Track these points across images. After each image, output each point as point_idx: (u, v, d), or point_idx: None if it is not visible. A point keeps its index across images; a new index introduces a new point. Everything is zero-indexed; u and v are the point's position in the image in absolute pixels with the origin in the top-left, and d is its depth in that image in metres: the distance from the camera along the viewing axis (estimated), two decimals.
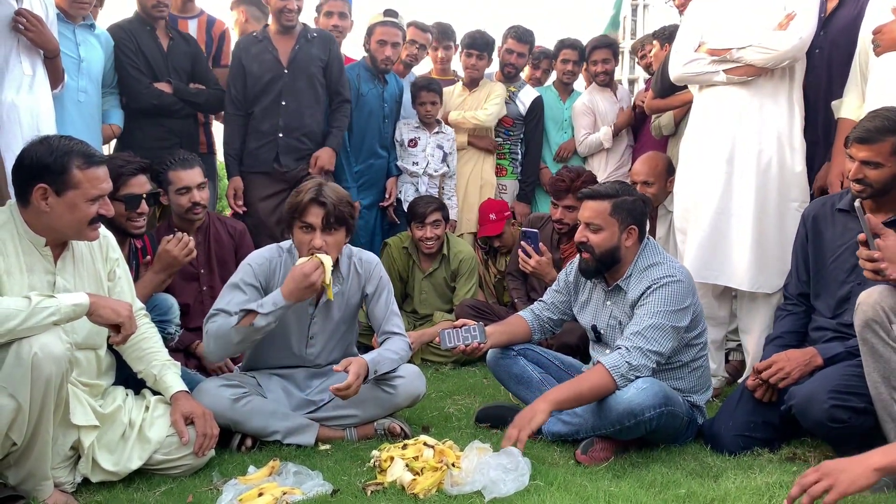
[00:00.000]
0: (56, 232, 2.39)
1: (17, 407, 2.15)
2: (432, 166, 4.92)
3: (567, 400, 2.68)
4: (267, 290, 2.94)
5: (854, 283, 2.82)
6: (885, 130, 2.68)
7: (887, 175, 2.70)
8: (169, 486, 2.47)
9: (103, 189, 2.40)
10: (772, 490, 2.38)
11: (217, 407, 2.77)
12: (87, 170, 2.35)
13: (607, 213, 2.89)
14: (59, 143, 2.35)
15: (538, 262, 3.91)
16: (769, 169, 3.40)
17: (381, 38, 4.72)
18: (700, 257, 3.48)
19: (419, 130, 4.95)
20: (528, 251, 3.92)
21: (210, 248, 3.70)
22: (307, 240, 2.84)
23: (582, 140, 5.20)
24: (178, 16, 4.61)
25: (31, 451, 2.24)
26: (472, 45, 5.08)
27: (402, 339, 3.05)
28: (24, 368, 2.13)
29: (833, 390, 2.50)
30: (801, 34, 3.31)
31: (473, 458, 2.48)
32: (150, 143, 4.09)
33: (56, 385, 2.20)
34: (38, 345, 2.14)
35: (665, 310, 2.75)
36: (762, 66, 3.36)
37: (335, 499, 2.34)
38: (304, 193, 2.83)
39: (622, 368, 2.67)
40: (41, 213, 2.33)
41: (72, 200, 2.33)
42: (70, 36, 3.81)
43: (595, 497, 2.31)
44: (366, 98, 4.77)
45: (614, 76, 5.42)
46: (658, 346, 2.71)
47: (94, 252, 2.58)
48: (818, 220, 3.01)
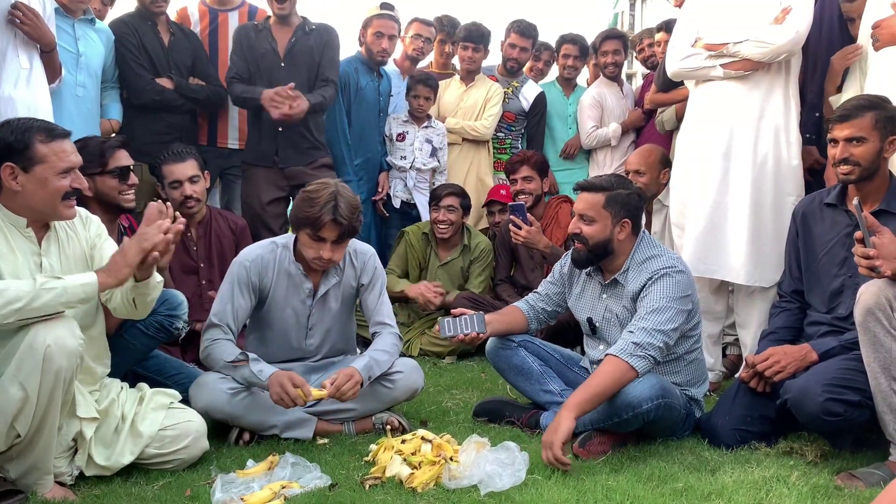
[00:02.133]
0: (33, 211, 2.38)
1: (24, 397, 2.17)
2: (420, 160, 4.91)
3: (587, 400, 2.61)
4: (261, 287, 2.97)
5: (845, 276, 2.84)
6: (863, 107, 2.73)
7: (872, 150, 2.72)
8: (167, 480, 2.47)
9: (72, 161, 2.39)
10: (769, 484, 2.39)
11: (215, 401, 2.78)
12: (50, 143, 2.34)
13: (600, 206, 2.90)
14: (19, 123, 2.37)
15: (528, 231, 3.94)
16: (765, 163, 3.41)
17: (378, 30, 4.69)
18: (697, 252, 3.48)
19: (407, 125, 4.93)
20: (518, 223, 3.95)
21: (210, 243, 3.71)
22: (316, 248, 2.86)
23: (589, 133, 5.18)
24: (219, 9, 4.54)
25: (35, 444, 2.24)
26: (468, 38, 5.06)
27: (392, 333, 3.06)
28: (36, 359, 2.15)
29: (828, 384, 2.50)
30: (797, 27, 3.31)
31: (471, 453, 2.48)
32: (149, 138, 4.08)
33: (66, 379, 2.22)
34: (52, 337, 2.16)
35: (669, 296, 2.76)
36: (759, 61, 3.36)
37: (333, 493, 2.34)
38: (322, 210, 2.79)
39: (629, 349, 2.66)
40: (14, 193, 2.34)
41: (41, 175, 2.33)
42: (69, 30, 3.79)
43: (592, 491, 2.32)
44: (364, 91, 4.75)
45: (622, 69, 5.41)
46: (661, 325, 2.71)
47: (78, 232, 2.56)
48: (807, 217, 3.02)
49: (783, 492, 2.33)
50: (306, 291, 3.01)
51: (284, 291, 3.00)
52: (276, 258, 2.99)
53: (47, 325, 2.19)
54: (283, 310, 3.02)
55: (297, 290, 3.01)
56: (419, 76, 4.95)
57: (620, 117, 5.21)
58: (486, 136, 5.09)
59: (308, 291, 3.01)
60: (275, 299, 3.01)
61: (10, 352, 2.18)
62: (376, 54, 4.73)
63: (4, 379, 2.17)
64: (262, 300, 3.01)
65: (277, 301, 3.01)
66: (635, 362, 2.64)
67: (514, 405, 3.15)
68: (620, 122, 5.16)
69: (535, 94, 5.20)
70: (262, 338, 3.08)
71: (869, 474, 2.40)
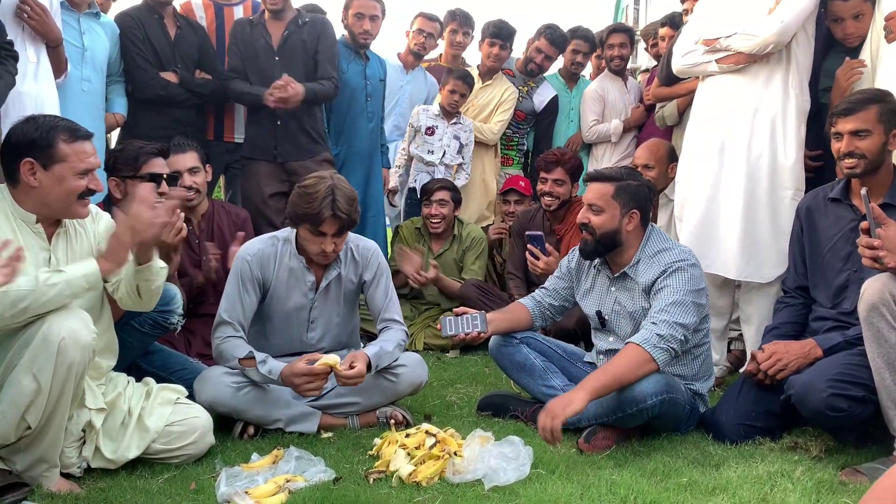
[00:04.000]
0: (46, 207, 2.40)
1: (37, 389, 2.18)
2: (448, 157, 4.91)
3: (604, 385, 2.59)
4: (263, 282, 2.97)
5: (850, 271, 2.83)
6: (866, 101, 2.73)
7: (877, 143, 2.71)
8: (172, 474, 2.48)
9: (91, 163, 2.41)
10: (773, 479, 2.38)
11: (219, 395, 2.79)
12: (73, 143, 2.37)
13: (609, 196, 2.90)
14: (44, 120, 2.39)
15: (547, 262, 3.87)
16: (760, 158, 3.38)
17: (358, 10, 4.60)
18: (692, 245, 3.45)
19: (438, 119, 4.89)
20: (536, 253, 3.91)
21: (213, 235, 3.71)
22: (318, 242, 2.87)
23: (590, 126, 5.16)
24: (224, 3, 4.53)
25: (44, 436, 2.26)
26: (497, 35, 5.01)
27: (400, 328, 3.06)
28: (50, 352, 2.17)
29: (832, 379, 2.49)
30: (783, 18, 3.26)
31: (475, 447, 2.49)
32: (154, 132, 4.04)
33: (78, 372, 2.24)
34: (66, 330, 2.18)
35: (685, 289, 2.76)
36: (749, 53, 3.35)
37: (337, 486, 2.35)
38: (321, 205, 2.80)
39: (653, 339, 2.65)
40: (30, 188, 2.35)
41: (59, 174, 2.35)
42: (74, 24, 3.78)
43: (597, 485, 2.32)
44: (347, 75, 4.63)
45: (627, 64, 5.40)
46: (682, 318, 2.71)
47: (87, 229, 2.57)
48: (812, 212, 3.01)
49: (787, 487, 2.32)
50: (308, 284, 3.01)
51: (286, 285, 3.01)
52: (277, 252, 2.99)
53: (62, 316, 2.21)
54: (284, 303, 3.02)
55: (298, 283, 3.01)
56: (458, 72, 4.86)
57: (622, 112, 5.18)
58: (492, 142, 5.10)
59: (311, 284, 3.02)
60: (276, 293, 3.01)
61: (24, 343, 2.20)
62: (358, 36, 4.63)
63: (18, 370, 2.19)
64: (263, 294, 3.01)
65: (279, 295, 3.01)
66: (658, 354, 2.64)
67: (518, 399, 3.15)
68: (623, 120, 5.14)
69: (550, 98, 5.20)
70: (264, 331, 3.08)
71: (873, 469, 2.39)
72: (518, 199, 4.76)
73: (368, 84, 4.74)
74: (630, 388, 2.63)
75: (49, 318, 2.19)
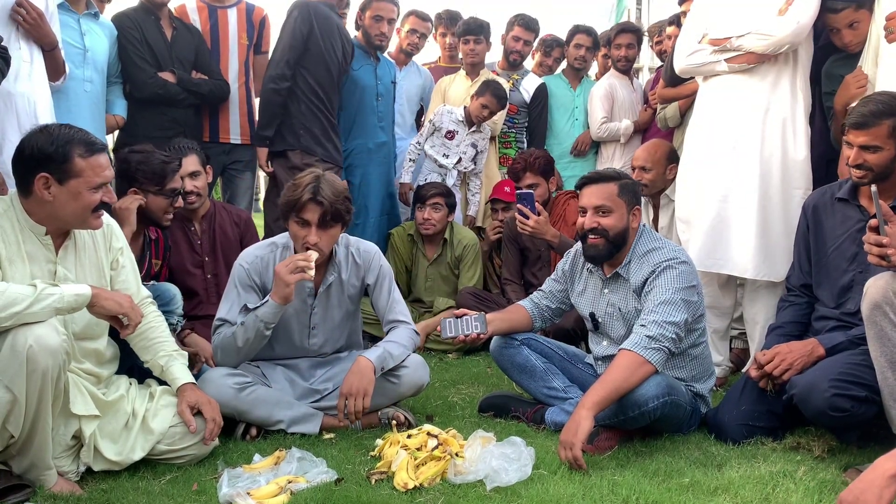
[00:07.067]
0: (59, 221, 2.39)
1: (12, 399, 2.15)
2: (464, 163, 4.91)
3: (605, 398, 2.57)
4: (263, 288, 2.96)
5: (855, 272, 2.82)
6: (880, 114, 2.68)
7: (886, 158, 2.70)
8: (174, 475, 2.48)
9: (106, 177, 2.39)
10: (775, 479, 2.38)
11: (221, 396, 2.78)
12: (89, 158, 2.34)
13: (615, 195, 2.89)
14: (59, 132, 2.35)
15: (536, 221, 3.86)
16: (772, 156, 3.39)
17: (377, 13, 4.60)
18: (705, 246, 3.47)
19: (461, 125, 4.87)
20: (526, 212, 3.89)
21: (215, 237, 3.71)
22: (303, 234, 2.84)
23: (600, 123, 5.14)
24: (217, 5, 4.52)
25: (30, 443, 2.24)
26: (467, 32, 5.04)
27: (408, 327, 3.05)
28: (19, 361, 2.13)
29: (834, 379, 2.49)
30: (798, 18, 3.27)
31: (477, 448, 2.49)
32: (152, 133, 4.06)
33: (53, 377, 2.20)
34: (32, 337, 2.14)
35: (674, 287, 2.75)
36: (762, 53, 3.35)
37: (339, 487, 2.34)
38: (303, 191, 2.79)
39: (643, 342, 2.64)
40: (44, 202, 2.33)
41: (75, 189, 2.33)
42: (75, 25, 3.78)
43: (599, 486, 2.32)
44: (358, 74, 4.64)
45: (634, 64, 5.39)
46: (672, 317, 2.69)
47: (97, 241, 2.58)
48: (818, 210, 3.00)
49: (790, 487, 2.32)
50: (307, 290, 3.00)
51: None
52: (275, 258, 2.98)
53: (27, 325, 2.16)
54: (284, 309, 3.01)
55: (297, 289, 2.99)
56: (497, 91, 4.78)
57: (630, 111, 5.18)
58: (496, 132, 5.11)
59: (309, 290, 3.00)
60: None
61: None
62: (374, 38, 4.63)
63: None
64: None
65: None
66: (650, 355, 2.62)
67: (520, 400, 3.15)
68: (634, 121, 5.12)
69: (536, 86, 5.19)
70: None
71: None
72: (504, 206, 4.74)
73: (380, 84, 4.75)
74: (631, 392, 2.62)
75: (15, 328, 2.15)
